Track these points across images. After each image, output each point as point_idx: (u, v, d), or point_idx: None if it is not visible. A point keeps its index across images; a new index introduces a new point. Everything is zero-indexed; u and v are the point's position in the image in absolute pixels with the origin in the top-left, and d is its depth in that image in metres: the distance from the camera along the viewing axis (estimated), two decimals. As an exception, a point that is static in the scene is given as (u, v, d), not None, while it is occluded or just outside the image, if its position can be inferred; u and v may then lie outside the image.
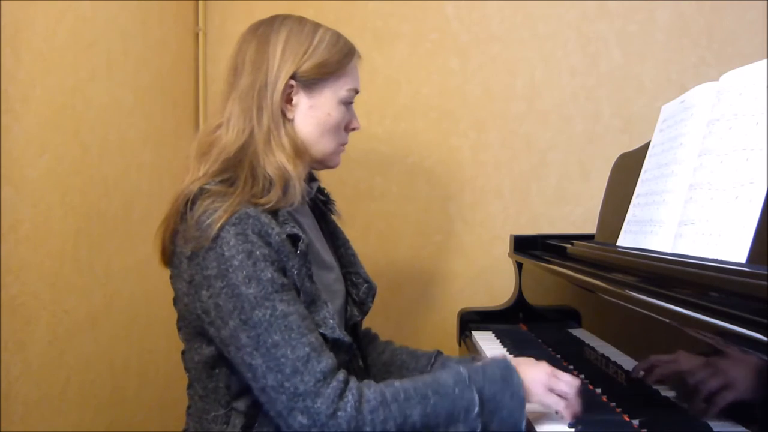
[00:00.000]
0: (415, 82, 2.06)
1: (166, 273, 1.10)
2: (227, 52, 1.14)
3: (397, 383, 0.97)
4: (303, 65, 1.08)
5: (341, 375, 0.95)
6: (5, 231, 1.28)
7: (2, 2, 1.26)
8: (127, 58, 1.71)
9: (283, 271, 0.99)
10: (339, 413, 0.91)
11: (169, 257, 1.08)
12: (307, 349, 0.94)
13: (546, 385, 0.99)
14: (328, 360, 0.95)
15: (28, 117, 1.34)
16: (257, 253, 0.96)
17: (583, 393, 1.01)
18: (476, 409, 0.94)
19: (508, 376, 0.98)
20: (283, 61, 1.08)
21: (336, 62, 1.11)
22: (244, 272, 0.95)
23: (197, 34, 2.08)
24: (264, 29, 1.11)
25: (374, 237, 2.07)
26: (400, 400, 0.94)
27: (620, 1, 1.99)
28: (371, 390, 0.94)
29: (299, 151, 1.08)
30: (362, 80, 1.17)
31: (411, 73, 2.06)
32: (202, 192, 1.01)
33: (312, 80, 1.10)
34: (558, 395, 0.99)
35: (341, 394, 0.92)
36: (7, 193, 1.28)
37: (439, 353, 1.29)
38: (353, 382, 0.95)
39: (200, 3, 2.08)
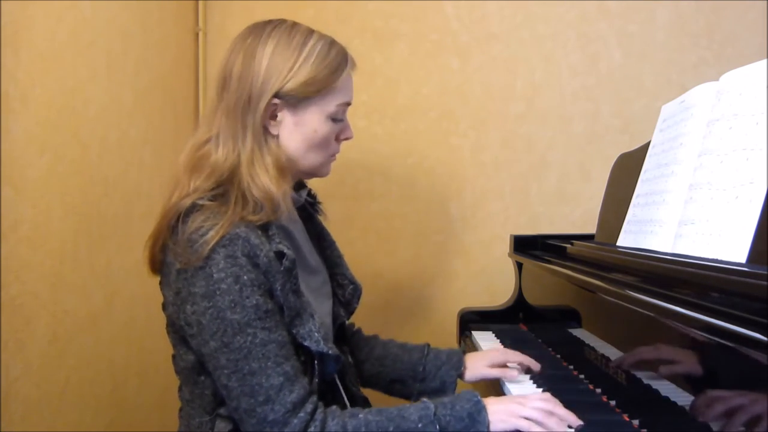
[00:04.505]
0: (415, 82, 2.06)
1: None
2: (227, 53, 1.14)
3: (361, 414, 0.99)
4: (287, 84, 1.05)
5: (309, 406, 0.98)
6: (5, 231, 1.27)
7: (2, 2, 1.26)
8: (127, 58, 1.71)
9: (270, 293, 1.00)
10: None
11: (158, 266, 1.08)
12: (281, 378, 0.97)
13: (511, 412, 0.99)
14: (300, 390, 0.98)
15: (28, 117, 1.34)
16: (245, 278, 0.97)
17: (583, 393, 1.01)
18: None
19: (476, 413, 0.99)
20: (266, 78, 1.05)
21: (323, 78, 1.07)
22: (231, 297, 0.96)
23: (197, 34, 2.08)
24: (252, 40, 1.08)
25: (374, 237, 2.07)
26: None
27: (620, 1, 1.99)
28: (334, 422, 0.98)
29: (283, 169, 1.06)
30: (362, 80, 1.17)
31: (411, 73, 2.06)
32: (194, 207, 1.02)
33: (296, 98, 1.06)
34: (536, 417, 0.98)
35: (305, 427, 0.96)
36: (7, 193, 1.28)
37: (428, 346, 1.33)
38: (319, 414, 0.98)
39: (200, 3, 2.07)
